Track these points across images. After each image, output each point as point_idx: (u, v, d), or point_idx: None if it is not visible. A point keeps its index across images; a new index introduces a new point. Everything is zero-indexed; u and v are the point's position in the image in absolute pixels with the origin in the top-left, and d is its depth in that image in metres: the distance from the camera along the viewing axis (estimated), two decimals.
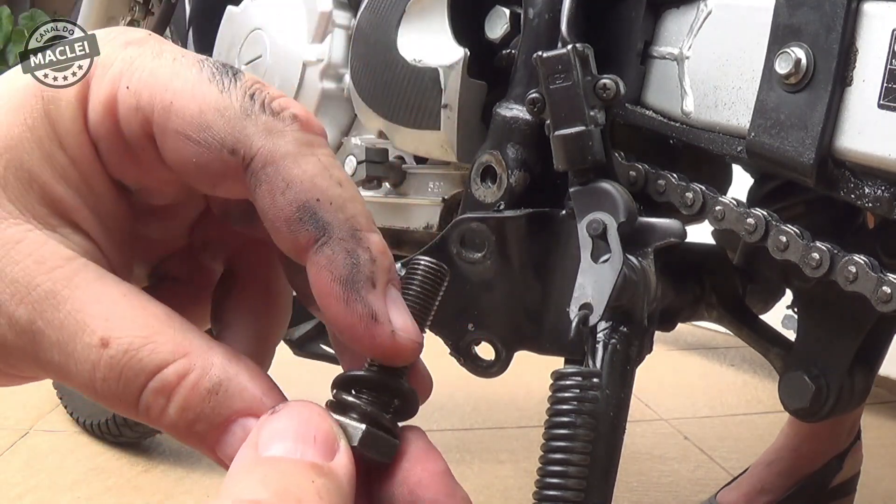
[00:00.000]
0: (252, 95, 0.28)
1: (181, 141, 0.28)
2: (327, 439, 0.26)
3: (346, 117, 1.02)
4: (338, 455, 0.26)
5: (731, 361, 2.27)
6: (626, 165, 0.68)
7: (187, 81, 0.28)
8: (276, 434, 0.26)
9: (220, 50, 1.16)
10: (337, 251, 0.28)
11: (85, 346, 0.26)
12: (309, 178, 0.28)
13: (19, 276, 0.27)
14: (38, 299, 0.27)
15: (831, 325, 0.74)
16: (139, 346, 0.26)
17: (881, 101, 0.56)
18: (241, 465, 0.25)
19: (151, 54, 0.29)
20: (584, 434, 0.38)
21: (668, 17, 0.71)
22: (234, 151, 0.27)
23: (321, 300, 0.28)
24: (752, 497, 1.30)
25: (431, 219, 0.91)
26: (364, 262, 0.28)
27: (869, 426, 1.36)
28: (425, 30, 0.82)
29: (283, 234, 0.28)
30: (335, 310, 0.28)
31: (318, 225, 0.28)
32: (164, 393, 0.26)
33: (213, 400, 0.27)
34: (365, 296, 0.28)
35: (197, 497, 1.39)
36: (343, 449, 0.26)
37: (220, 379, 0.27)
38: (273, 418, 0.26)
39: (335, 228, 0.28)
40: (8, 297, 0.27)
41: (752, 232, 0.63)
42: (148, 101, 0.28)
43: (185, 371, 0.27)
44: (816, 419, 0.76)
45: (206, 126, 0.27)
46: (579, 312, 0.53)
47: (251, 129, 0.28)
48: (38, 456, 1.50)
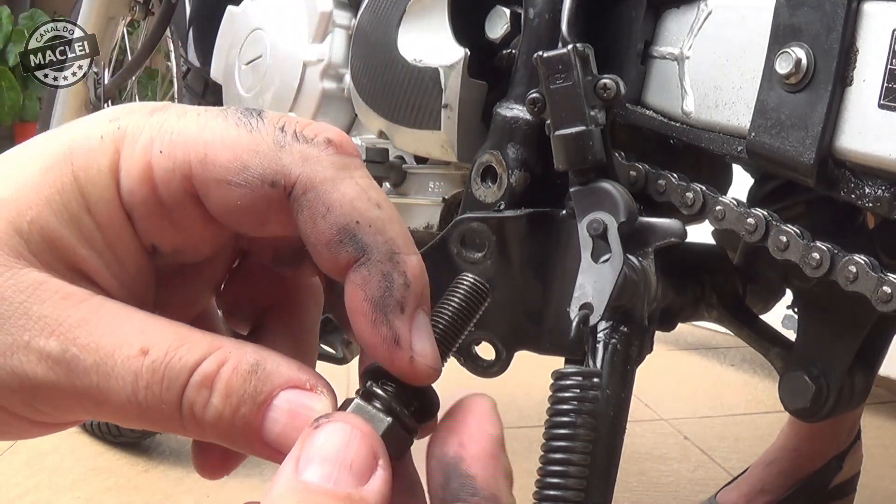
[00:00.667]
0: (282, 128, 0.29)
1: (223, 188, 0.29)
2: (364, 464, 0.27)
3: (347, 117, 1.02)
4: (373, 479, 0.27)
5: (731, 361, 2.27)
6: (626, 165, 0.68)
7: (215, 131, 0.29)
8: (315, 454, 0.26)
9: (221, 50, 1.16)
10: (373, 272, 0.29)
11: (125, 358, 0.27)
12: (348, 202, 0.29)
13: (47, 312, 0.27)
14: (70, 328, 0.27)
15: (831, 325, 0.74)
16: (177, 346, 0.28)
17: (881, 101, 0.56)
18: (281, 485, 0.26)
19: (177, 115, 0.30)
20: (584, 434, 0.38)
21: (669, 17, 0.71)
22: (274, 184, 0.29)
23: (351, 315, 0.29)
24: (752, 497, 1.30)
25: (432, 218, 0.91)
26: (397, 286, 0.29)
27: (869, 426, 1.36)
28: (426, 30, 0.82)
29: (325, 256, 0.29)
30: (362, 327, 0.29)
31: (357, 246, 0.29)
32: (207, 384, 0.27)
33: (254, 379, 0.28)
34: (392, 320, 0.29)
35: (197, 497, 1.39)
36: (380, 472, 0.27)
37: (255, 360, 0.28)
38: (315, 434, 0.27)
39: (374, 250, 0.29)
40: (36, 333, 0.27)
41: (753, 232, 0.63)
42: (183, 159, 0.29)
43: (223, 360, 0.28)
44: (817, 419, 0.76)
45: (243, 167, 0.29)
46: (580, 312, 0.53)
47: (287, 159, 0.29)
48: (38, 456, 1.50)
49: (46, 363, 0.27)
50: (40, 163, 0.29)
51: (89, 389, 0.27)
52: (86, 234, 0.29)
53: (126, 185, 0.29)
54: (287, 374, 0.28)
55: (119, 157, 0.29)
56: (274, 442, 0.28)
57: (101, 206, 0.29)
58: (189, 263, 0.33)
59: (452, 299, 0.32)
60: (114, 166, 0.29)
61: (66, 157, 0.29)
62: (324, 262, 0.30)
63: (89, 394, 0.28)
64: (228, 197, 0.29)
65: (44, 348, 0.27)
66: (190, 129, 0.29)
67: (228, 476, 0.35)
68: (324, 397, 0.29)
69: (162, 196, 0.29)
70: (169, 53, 1.55)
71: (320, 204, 0.29)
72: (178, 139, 0.29)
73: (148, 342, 0.27)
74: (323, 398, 0.29)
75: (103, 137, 0.30)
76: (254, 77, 1.08)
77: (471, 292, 0.33)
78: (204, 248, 0.32)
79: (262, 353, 0.29)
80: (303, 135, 0.29)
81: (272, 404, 0.28)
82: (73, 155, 0.29)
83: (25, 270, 0.28)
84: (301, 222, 0.29)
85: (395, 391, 0.30)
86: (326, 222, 0.29)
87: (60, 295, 0.28)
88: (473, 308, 0.33)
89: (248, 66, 1.09)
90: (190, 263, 0.33)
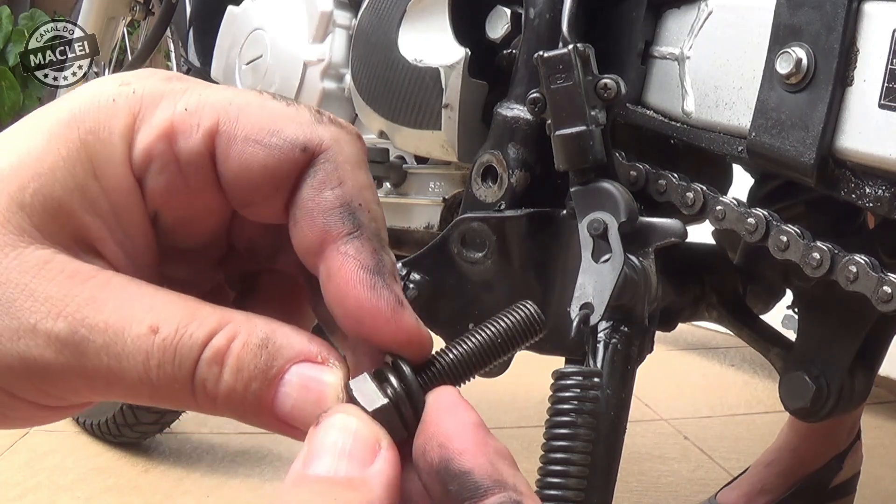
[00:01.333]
0: (319, 111, 0.30)
1: (249, 147, 0.29)
2: (365, 448, 0.27)
3: (347, 117, 1.02)
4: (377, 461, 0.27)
5: (731, 361, 2.27)
6: (626, 165, 0.68)
7: (251, 100, 0.30)
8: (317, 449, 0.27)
9: (221, 50, 1.16)
10: (366, 244, 0.29)
11: (135, 337, 0.27)
12: (359, 186, 0.30)
13: (53, 293, 0.27)
14: (78, 308, 0.27)
15: (832, 325, 0.74)
16: (187, 323, 0.27)
17: (882, 101, 0.56)
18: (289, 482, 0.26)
19: (203, 85, 0.30)
20: (584, 434, 0.38)
21: (669, 17, 0.71)
22: (305, 149, 0.29)
23: (345, 290, 0.29)
24: (752, 497, 1.30)
25: (432, 218, 0.91)
26: (387, 262, 0.30)
27: (869, 426, 1.36)
28: (426, 30, 0.82)
29: (315, 224, 0.29)
30: (361, 296, 0.29)
31: (354, 222, 0.29)
32: (218, 360, 0.27)
33: (265, 353, 0.28)
34: (391, 284, 0.29)
35: (197, 497, 1.39)
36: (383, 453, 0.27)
37: (266, 334, 0.28)
38: (317, 430, 0.27)
39: (367, 230, 0.30)
40: (43, 316, 0.27)
41: (753, 232, 0.63)
42: (211, 116, 0.29)
43: (233, 334, 0.28)
44: (817, 419, 0.76)
45: (277, 130, 0.29)
46: (580, 312, 0.53)
47: (323, 133, 0.30)
48: (38, 456, 1.50)
49: (55, 346, 0.27)
50: (44, 131, 0.29)
51: (100, 370, 0.27)
52: (91, 200, 0.29)
53: (141, 143, 0.29)
54: (298, 347, 0.28)
55: (134, 119, 0.29)
56: (286, 416, 0.28)
57: (110, 169, 0.29)
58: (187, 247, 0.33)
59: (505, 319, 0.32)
60: (127, 128, 0.29)
61: (71, 123, 0.29)
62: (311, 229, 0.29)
63: (100, 375, 0.27)
64: (252, 157, 0.29)
65: (51, 331, 0.27)
66: (221, 94, 0.30)
67: (229, 476, 0.35)
68: (336, 369, 0.28)
69: (180, 153, 0.29)
70: (169, 53, 1.55)
71: (335, 177, 0.29)
72: (206, 101, 0.29)
73: (157, 319, 0.27)
74: (335, 370, 0.28)
75: (115, 100, 0.29)
76: (254, 77, 1.08)
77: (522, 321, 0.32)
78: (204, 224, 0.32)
79: (273, 325, 0.28)
80: (337, 121, 0.31)
81: (284, 379, 0.28)
82: (80, 120, 0.29)
83: (30, 249, 0.27)
84: (307, 186, 0.29)
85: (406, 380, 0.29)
86: (334, 193, 0.29)
87: (66, 273, 0.27)
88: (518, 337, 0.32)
89: (249, 65, 1.09)
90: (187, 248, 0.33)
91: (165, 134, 0.29)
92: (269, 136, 0.29)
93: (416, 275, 0.63)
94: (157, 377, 0.27)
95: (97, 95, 0.29)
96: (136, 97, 0.29)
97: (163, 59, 2.01)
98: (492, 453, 0.27)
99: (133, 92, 0.29)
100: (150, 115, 0.29)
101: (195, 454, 1.53)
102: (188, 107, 0.29)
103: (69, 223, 0.28)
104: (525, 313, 0.32)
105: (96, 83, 0.30)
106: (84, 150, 0.28)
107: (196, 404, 0.28)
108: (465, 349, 0.31)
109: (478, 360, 0.31)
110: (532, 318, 0.32)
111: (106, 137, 0.29)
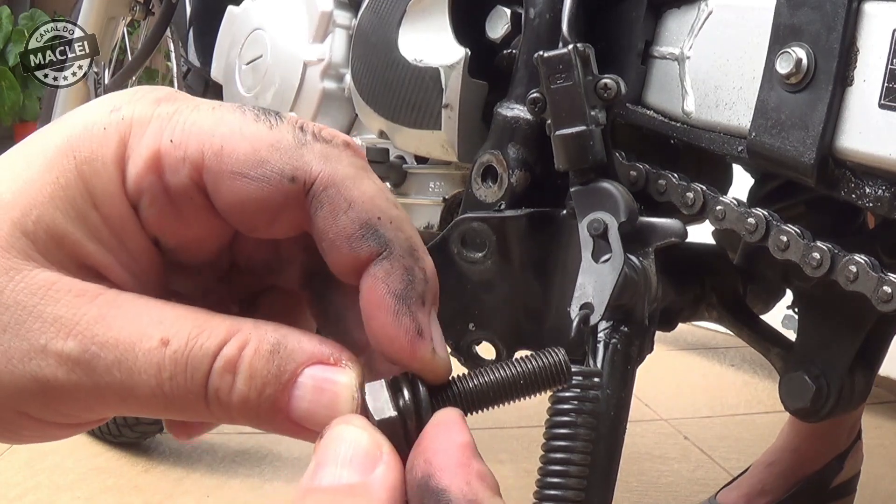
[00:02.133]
0: (301, 128, 0.30)
1: (237, 181, 0.29)
2: (367, 456, 0.27)
3: (347, 117, 1.02)
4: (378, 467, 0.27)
5: (731, 361, 2.27)
6: (626, 165, 0.68)
7: (233, 125, 0.29)
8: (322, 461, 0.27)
9: (221, 50, 1.16)
10: (396, 266, 0.29)
11: (146, 351, 0.27)
12: (369, 199, 0.29)
13: (62, 312, 0.27)
14: (87, 326, 0.27)
15: (832, 325, 0.74)
16: (197, 334, 0.27)
17: (882, 101, 0.56)
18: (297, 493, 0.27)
19: (188, 108, 0.30)
20: (584, 434, 0.38)
21: (669, 17, 0.71)
22: (294, 179, 0.29)
23: (370, 310, 0.29)
24: (753, 498, 1.30)
25: (432, 218, 0.91)
26: (419, 280, 0.30)
27: (869, 426, 1.36)
28: (426, 29, 0.82)
29: (344, 252, 0.29)
30: (383, 321, 0.29)
31: (380, 241, 0.29)
32: (230, 368, 0.27)
33: (276, 358, 0.28)
34: (415, 311, 0.29)
35: (197, 497, 1.39)
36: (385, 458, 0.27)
37: (276, 339, 0.28)
38: (321, 444, 0.27)
39: (395, 245, 0.29)
40: (53, 336, 0.27)
41: (753, 232, 0.63)
42: (196, 149, 0.29)
43: (244, 342, 0.28)
44: (817, 419, 0.76)
45: (261, 161, 0.29)
46: (580, 312, 0.53)
47: (308, 157, 0.29)
48: (38, 456, 1.49)
49: (66, 365, 0.27)
50: (41, 159, 0.29)
51: (112, 386, 0.27)
52: (92, 229, 0.29)
53: (132, 175, 0.29)
54: (310, 349, 0.28)
55: (125, 148, 0.29)
56: (302, 419, 0.28)
57: (107, 199, 0.29)
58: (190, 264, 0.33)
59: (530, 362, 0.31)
60: (119, 157, 0.29)
61: (67, 152, 0.29)
62: (342, 258, 0.29)
63: (112, 391, 0.27)
64: (242, 191, 0.29)
65: (62, 350, 0.27)
66: (205, 122, 0.29)
67: (229, 476, 0.35)
68: (349, 370, 0.29)
69: (169, 186, 0.29)
70: (169, 53, 1.55)
71: (342, 200, 0.29)
72: (191, 129, 0.29)
73: (167, 332, 0.27)
74: (348, 371, 0.29)
75: (106, 129, 0.29)
76: (254, 77, 1.08)
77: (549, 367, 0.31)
78: (205, 245, 0.32)
79: (283, 330, 0.29)
80: (321, 135, 0.30)
81: (297, 382, 0.28)
82: (75, 148, 0.29)
83: (35, 271, 0.28)
84: (320, 218, 0.29)
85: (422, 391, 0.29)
86: (349, 217, 0.29)
87: (74, 293, 0.28)
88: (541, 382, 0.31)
89: (249, 65, 1.09)
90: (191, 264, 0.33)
91: (153, 166, 0.29)
92: (255, 167, 0.29)
93: None
94: (170, 389, 0.27)
95: (89, 124, 0.29)
96: (125, 124, 0.29)
97: (163, 58, 2.01)
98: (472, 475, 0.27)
99: (122, 118, 0.29)
100: (138, 144, 0.29)
101: (195, 454, 1.52)
102: (173, 138, 0.29)
103: (73, 251, 0.29)
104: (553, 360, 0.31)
105: (89, 107, 0.30)
106: (81, 180, 0.29)
107: (211, 414, 0.28)
108: (485, 381, 0.31)
109: (495, 394, 0.31)
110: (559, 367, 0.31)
111: (100, 168, 0.29)
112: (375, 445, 0.27)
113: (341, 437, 0.27)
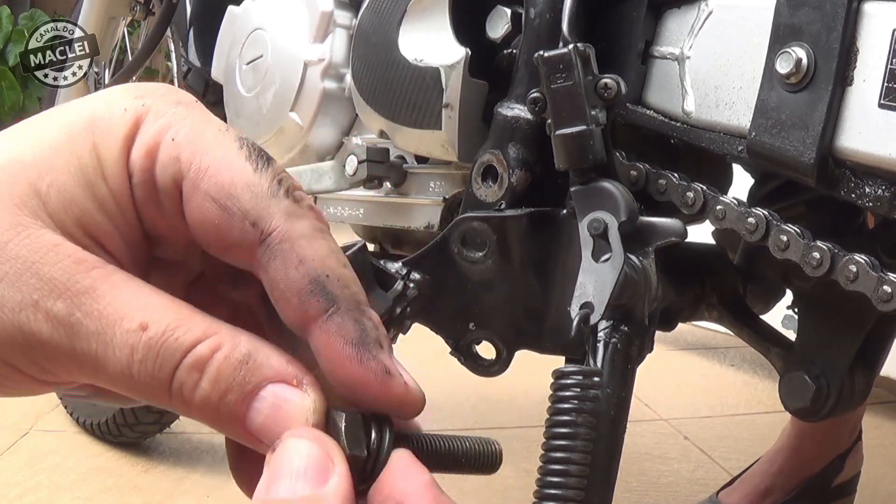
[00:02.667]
0: (280, 181, 0.31)
1: (207, 202, 0.30)
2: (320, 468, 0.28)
3: (348, 117, 1.02)
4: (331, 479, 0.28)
5: (731, 361, 2.27)
6: (626, 165, 0.68)
7: (227, 153, 0.31)
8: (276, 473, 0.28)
9: (221, 50, 1.16)
10: (346, 319, 0.31)
11: (124, 331, 0.29)
12: (320, 258, 0.31)
13: (58, 275, 0.29)
14: (78, 293, 0.29)
15: (832, 325, 0.74)
16: (175, 327, 0.29)
17: (882, 101, 0.56)
18: None
19: (201, 119, 0.32)
20: (584, 434, 0.38)
21: (669, 17, 0.71)
22: (255, 224, 0.30)
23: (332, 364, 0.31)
24: (754, 498, 1.30)
25: (432, 218, 0.91)
26: (370, 328, 0.31)
27: (869, 426, 1.36)
28: (426, 29, 0.82)
29: (293, 305, 0.31)
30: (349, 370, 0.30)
31: (328, 297, 0.31)
32: (198, 367, 0.29)
33: (244, 369, 0.29)
34: (376, 354, 0.31)
35: (197, 497, 1.39)
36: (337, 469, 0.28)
37: (248, 350, 0.30)
38: (274, 456, 0.28)
39: (343, 301, 0.31)
40: (45, 294, 0.29)
41: (753, 231, 0.63)
42: (188, 157, 0.31)
43: (217, 346, 0.29)
44: (817, 419, 0.76)
45: (234, 196, 0.30)
46: (580, 311, 0.53)
47: (275, 209, 0.31)
48: (38, 456, 1.50)
49: (51, 323, 0.28)
50: (63, 130, 0.31)
51: (88, 354, 0.29)
52: (101, 200, 0.31)
53: (134, 154, 0.31)
54: (277, 367, 0.30)
55: (137, 130, 0.31)
56: (256, 431, 0.29)
57: (114, 174, 0.31)
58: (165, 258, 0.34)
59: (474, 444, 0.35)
60: (130, 136, 0.31)
61: (88, 127, 0.31)
62: (291, 311, 0.31)
63: (87, 359, 0.29)
64: (207, 212, 0.30)
65: (51, 309, 0.28)
66: (206, 137, 0.31)
67: (229, 476, 0.35)
68: (308, 395, 0.30)
69: (156, 177, 0.31)
70: (169, 53, 1.55)
71: (294, 255, 0.30)
72: (192, 139, 0.31)
73: (149, 318, 0.29)
74: (307, 396, 0.30)
75: (126, 110, 0.31)
76: (255, 77, 1.08)
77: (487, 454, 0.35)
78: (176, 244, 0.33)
79: (256, 343, 0.30)
80: (293, 194, 0.31)
81: (258, 395, 0.29)
82: (95, 123, 0.31)
83: (41, 231, 0.29)
84: (272, 269, 0.31)
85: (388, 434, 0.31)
86: (299, 273, 0.30)
87: (72, 259, 0.29)
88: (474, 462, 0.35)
89: (249, 65, 1.09)
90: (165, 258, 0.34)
91: (150, 154, 0.31)
92: (226, 198, 0.30)
93: (416, 274, 0.63)
94: (137, 373, 0.28)
95: (112, 102, 0.32)
96: (144, 110, 0.31)
97: (163, 58, 2.01)
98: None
99: (143, 105, 0.31)
100: (147, 129, 0.31)
101: (195, 454, 1.53)
102: (175, 137, 0.31)
103: (80, 217, 0.30)
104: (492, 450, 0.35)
105: (115, 91, 0.32)
106: (95, 152, 0.31)
107: (171, 404, 0.29)
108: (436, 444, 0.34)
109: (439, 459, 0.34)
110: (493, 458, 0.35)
111: (112, 143, 0.31)
112: (326, 457, 0.28)
113: (294, 450, 0.28)
